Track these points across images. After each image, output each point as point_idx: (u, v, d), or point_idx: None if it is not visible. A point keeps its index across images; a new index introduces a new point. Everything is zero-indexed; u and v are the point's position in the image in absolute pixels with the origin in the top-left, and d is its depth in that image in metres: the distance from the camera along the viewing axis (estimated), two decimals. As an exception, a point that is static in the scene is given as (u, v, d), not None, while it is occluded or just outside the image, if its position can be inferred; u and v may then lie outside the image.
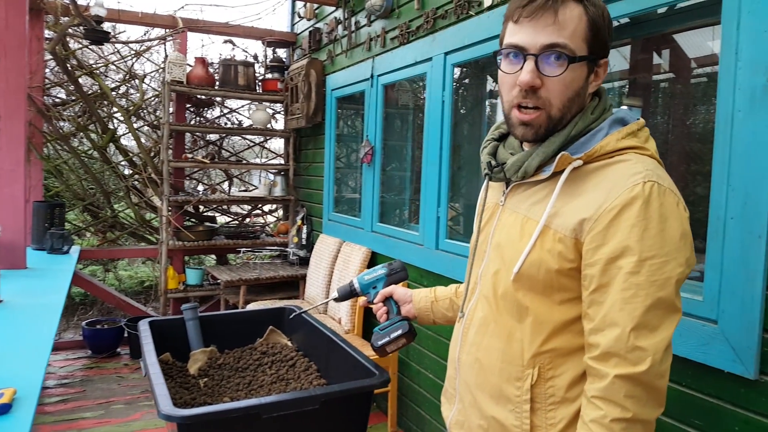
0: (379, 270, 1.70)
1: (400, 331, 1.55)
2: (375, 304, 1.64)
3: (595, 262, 1.08)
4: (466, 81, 3.82)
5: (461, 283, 1.56)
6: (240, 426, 1.37)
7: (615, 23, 3.13)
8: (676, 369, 1.87)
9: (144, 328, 1.93)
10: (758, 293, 1.65)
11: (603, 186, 1.10)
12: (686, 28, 3.05)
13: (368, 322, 3.92)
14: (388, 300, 1.64)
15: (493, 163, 1.27)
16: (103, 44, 4.53)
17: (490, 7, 2.79)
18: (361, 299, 1.71)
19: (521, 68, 1.14)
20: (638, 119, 1.20)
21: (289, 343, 2.19)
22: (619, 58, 3.43)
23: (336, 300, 1.71)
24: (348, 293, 1.70)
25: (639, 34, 3.07)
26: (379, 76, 3.81)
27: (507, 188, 1.28)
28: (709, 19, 2.23)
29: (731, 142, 1.74)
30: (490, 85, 3.78)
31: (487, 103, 3.72)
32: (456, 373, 1.37)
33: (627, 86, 3.28)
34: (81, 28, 4.35)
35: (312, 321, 2.10)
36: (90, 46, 5.38)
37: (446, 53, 3.10)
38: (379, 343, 1.54)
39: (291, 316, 2.01)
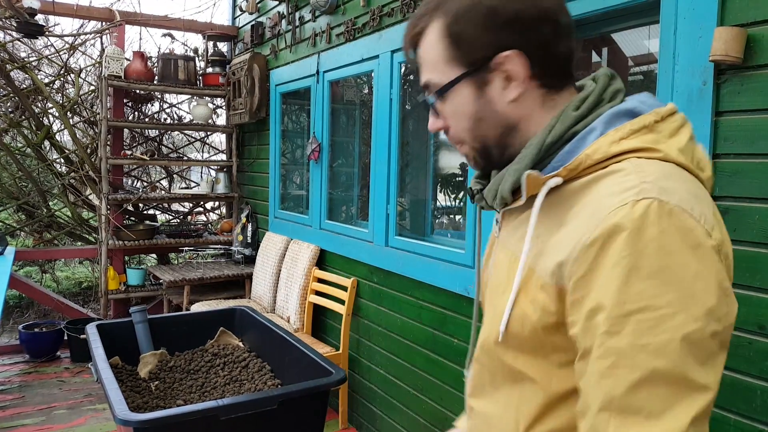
0: None
1: None
2: None
3: (577, 319, 0.78)
4: (411, 77, 3.85)
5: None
6: (198, 428, 1.36)
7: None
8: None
9: (92, 332, 1.88)
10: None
11: (584, 212, 0.79)
12: (624, 28, 3.16)
13: (317, 320, 3.92)
14: None
15: (474, 189, 1.02)
16: (36, 38, 4.37)
17: (437, 6, 2.81)
18: None
19: None
20: (662, 106, 0.87)
21: (240, 344, 2.18)
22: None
23: None
24: None
25: (578, 36, 3.16)
26: (325, 72, 3.81)
27: (500, 216, 1.01)
28: (647, 19, 2.31)
29: (670, 141, 1.82)
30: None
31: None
32: None
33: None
34: (13, 20, 4.18)
35: (263, 321, 2.09)
36: (22, 39, 5.18)
37: (393, 51, 3.12)
38: None
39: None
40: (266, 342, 2.04)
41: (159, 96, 5.90)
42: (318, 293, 3.81)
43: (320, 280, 3.82)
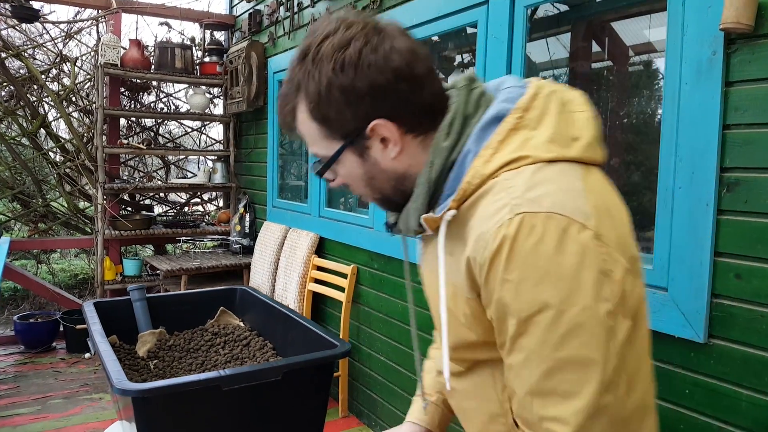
0: None
1: None
2: None
3: (492, 316, 0.89)
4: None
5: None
6: (199, 399, 1.32)
7: (555, 11, 3.19)
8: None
9: (89, 309, 1.84)
10: (706, 259, 1.70)
11: (472, 233, 0.88)
12: (628, 15, 3.13)
13: (317, 308, 3.88)
14: None
15: (390, 221, 1.09)
16: (32, 22, 4.31)
17: (438, -14, 2.78)
18: None
19: None
20: (524, 95, 0.93)
21: (241, 324, 2.14)
22: (558, 47, 3.50)
23: None
24: None
25: (581, 15, 3.13)
26: (324, 58, 3.76)
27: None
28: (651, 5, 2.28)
29: (678, 114, 1.79)
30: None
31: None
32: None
33: (567, 74, 3.34)
34: (8, 5, 4.13)
35: (265, 299, 2.06)
36: (17, 27, 5.12)
37: (394, 33, 3.07)
38: None
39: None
40: (268, 320, 2.00)
41: (155, 85, 5.85)
42: (317, 281, 3.77)
43: (319, 268, 3.78)
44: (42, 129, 5.34)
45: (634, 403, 0.86)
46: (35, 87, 5.31)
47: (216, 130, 6.72)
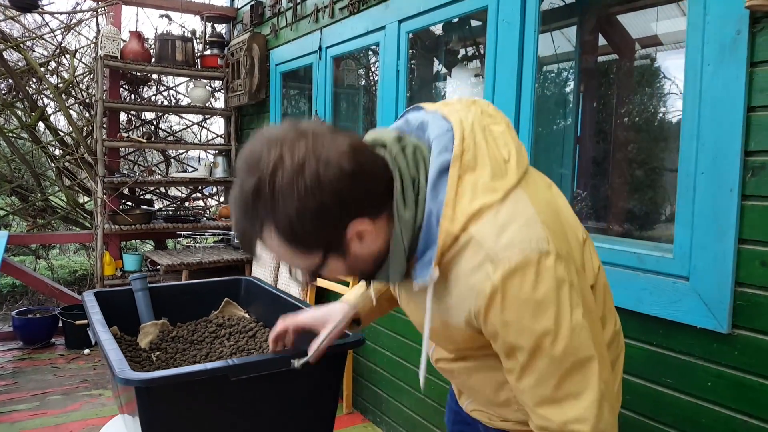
0: None
1: None
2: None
3: (498, 349, 1.04)
4: (413, 51, 3.76)
5: None
6: (206, 390, 1.26)
7: (562, 3, 3.12)
8: (647, 329, 1.86)
9: (90, 299, 1.78)
10: (730, 247, 1.64)
11: (463, 284, 1.00)
12: (635, 7, 3.07)
13: (320, 302, 3.81)
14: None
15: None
16: (31, 12, 4.24)
17: (447, -28, 2.71)
18: None
19: None
20: (451, 133, 1.03)
21: (246, 315, 2.08)
22: (563, 40, 3.44)
23: None
24: None
25: (588, 7, 3.07)
26: (327, 47, 3.70)
27: None
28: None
29: (700, 97, 1.73)
30: (439, 63, 3.73)
31: (440, 70, 3.67)
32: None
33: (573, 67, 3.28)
34: (6, -5, 4.06)
35: (272, 290, 1.99)
36: (14, 19, 5.05)
37: (400, 21, 3.01)
38: None
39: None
40: (275, 312, 1.93)
41: (156, 78, 5.78)
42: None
43: (323, 262, 3.71)
44: (41, 122, 5.27)
45: (607, 339, 1.14)
46: (34, 79, 5.24)
47: (217, 124, 6.65)
